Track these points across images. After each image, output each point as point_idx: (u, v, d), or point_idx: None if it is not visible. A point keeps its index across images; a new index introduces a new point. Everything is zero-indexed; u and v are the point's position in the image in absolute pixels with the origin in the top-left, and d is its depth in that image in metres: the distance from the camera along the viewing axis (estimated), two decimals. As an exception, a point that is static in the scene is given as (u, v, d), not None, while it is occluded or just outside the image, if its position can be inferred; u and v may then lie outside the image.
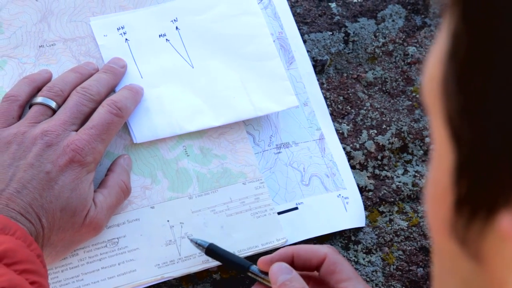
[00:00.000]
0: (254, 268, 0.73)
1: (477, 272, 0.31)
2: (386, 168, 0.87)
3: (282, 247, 0.80)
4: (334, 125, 0.88)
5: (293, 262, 0.72)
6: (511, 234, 0.27)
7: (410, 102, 0.91)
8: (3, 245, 0.62)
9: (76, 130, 0.74)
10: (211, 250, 0.75)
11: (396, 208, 0.86)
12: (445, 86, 0.30)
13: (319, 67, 0.90)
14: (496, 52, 0.27)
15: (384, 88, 0.91)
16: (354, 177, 0.86)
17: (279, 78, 0.85)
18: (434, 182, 0.33)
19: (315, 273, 0.72)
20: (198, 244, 0.76)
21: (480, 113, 0.28)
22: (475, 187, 0.29)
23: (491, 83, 0.27)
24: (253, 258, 0.81)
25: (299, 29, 0.91)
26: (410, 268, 0.83)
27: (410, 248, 0.84)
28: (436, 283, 0.36)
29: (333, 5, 0.94)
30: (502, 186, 0.28)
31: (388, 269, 0.82)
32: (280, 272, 0.67)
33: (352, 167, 0.87)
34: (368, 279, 0.81)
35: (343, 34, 0.92)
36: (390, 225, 0.85)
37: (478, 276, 0.31)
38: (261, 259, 0.72)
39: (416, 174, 0.87)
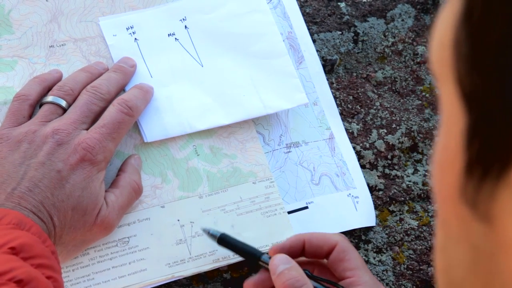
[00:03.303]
0: (265, 257, 0.73)
1: (487, 235, 0.31)
2: (396, 167, 0.87)
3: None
4: (344, 125, 0.88)
5: (304, 249, 0.72)
6: None
7: (420, 102, 0.91)
8: (19, 239, 0.62)
9: (87, 129, 0.74)
10: (223, 240, 0.75)
11: (406, 208, 0.86)
12: (457, 49, 0.31)
13: (328, 67, 0.90)
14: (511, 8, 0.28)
15: (393, 88, 0.91)
16: (364, 177, 0.86)
17: (288, 76, 0.85)
18: (443, 148, 0.34)
19: (324, 260, 0.73)
20: (210, 234, 0.75)
21: (493, 69, 0.29)
22: (488, 145, 0.30)
23: (505, 39, 0.29)
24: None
25: (309, 29, 0.91)
26: (421, 267, 0.82)
27: (420, 247, 0.83)
28: (441, 255, 0.36)
29: (342, 4, 0.94)
30: None
31: (398, 269, 0.82)
32: (279, 263, 0.68)
33: (362, 167, 0.86)
34: (378, 279, 0.81)
35: (353, 34, 0.92)
36: (401, 224, 0.84)
37: (488, 239, 0.31)
38: (273, 247, 0.72)
39: (426, 173, 0.87)
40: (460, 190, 0.32)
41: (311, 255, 0.72)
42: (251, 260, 0.75)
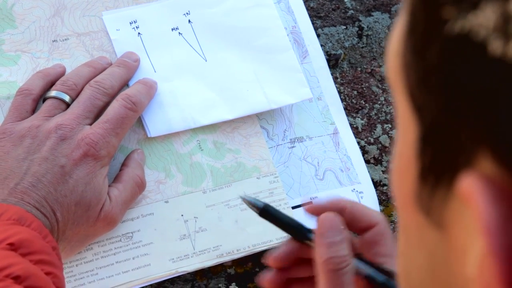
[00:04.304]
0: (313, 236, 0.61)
1: (442, 241, 0.32)
2: (400, 162, 0.87)
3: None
4: (348, 120, 0.88)
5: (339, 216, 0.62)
6: (469, 194, 0.28)
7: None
8: (18, 235, 0.61)
9: (90, 124, 0.74)
10: (266, 212, 0.64)
11: (411, 203, 0.85)
12: (405, 60, 0.32)
13: (333, 62, 0.90)
14: (450, 26, 0.29)
15: (398, 82, 0.91)
16: (369, 172, 0.85)
17: (292, 70, 0.85)
18: (399, 156, 0.34)
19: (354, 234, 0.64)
20: (251, 204, 0.64)
21: (436, 83, 0.30)
22: (438, 154, 0.31)
23: (445, 54, 0.29)
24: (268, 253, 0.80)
25: (313, 23, 0.91)
26: (426, 262, 0.82)
27: (425, 242, 0.83)
28: (402, 260, 0.36)
29: (346, -1, 0.93)
30: (462, 149, 0.29)
31: (403, 264, 0.82)
32: (330, 227, 0.58)
33: (367, 162, 0.86)
34: (383, 274, 0.81)
35: (357, 28, 0.92)
36: (405, 219, 0.84)
37: (443, 245, 0.32)
38: (310, 206, 0.62)
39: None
40: (416, 197, 0.32)
41: (345, 225, 0.62)
42: (296, 236, 0.63)
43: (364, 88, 0.90)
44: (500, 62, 0.27)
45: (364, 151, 0.86)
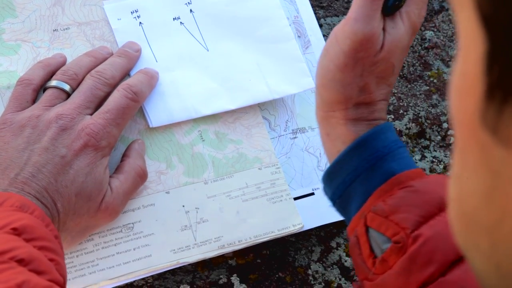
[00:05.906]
0: None
1: (509, 160, 0.31)
2: (403, 153, 0.86)
3: (298, 232, 0.79)
4: (351, 110, 0.87)
5: None
6: None
7: (428, 87, 0.90)
8: (22, 221, 0.61)
9: (91, 114, 0.74)
10: None
11: (413, 194, 0.85)
12: None
13: (335, 52, 0.89)
14: None
15: (401, 73, 0.90)
16: (371, 163, 0.85)
17: (295, 60, 0.84)
18: (462, 74, 0.33)
19: None
20: None
21: None
22: (508, 70, 0.30)
23: None
24: (269, 244, 0.80)
25: (315, 13, 0.90)
26: (428, 254, 0.82)
27: (427, 234, 0.83)
28: (456, 183, 0.36)
29: (349, -12, 0.92)
30: None
31: (405, 256, 0.81)
32: None
33: (369, 153, 0.86)
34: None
35: (360, 18, 0.91)
36: (408, 211, 0.84)
37: (510, 164, 0.31)
38: None
39: (434, 159, 0.86)
40: (481, 115, 0.32)
41: None
42: None
43: (367, 79, 0.89)
44: None
45: (366, 142, 0.86)
